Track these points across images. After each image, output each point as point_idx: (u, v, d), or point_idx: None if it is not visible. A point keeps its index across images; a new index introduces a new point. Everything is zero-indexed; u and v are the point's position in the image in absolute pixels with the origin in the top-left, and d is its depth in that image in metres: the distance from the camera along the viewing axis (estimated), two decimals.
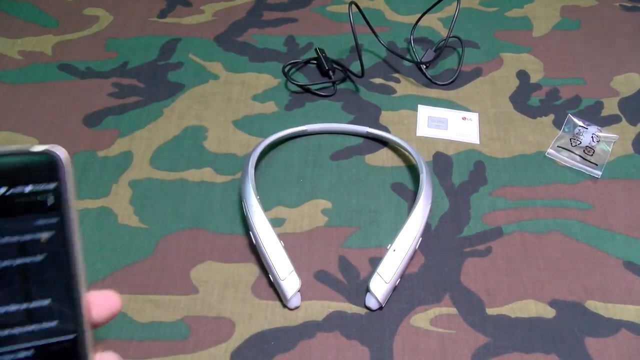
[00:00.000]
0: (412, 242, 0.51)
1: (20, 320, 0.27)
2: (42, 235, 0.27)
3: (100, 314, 0.29)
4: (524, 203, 0.58)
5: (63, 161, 0.27)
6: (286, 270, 0.49)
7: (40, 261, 0.27)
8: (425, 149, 0.62)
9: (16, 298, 0.27)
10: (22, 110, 0.65)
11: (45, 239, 0.27)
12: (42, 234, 0.27)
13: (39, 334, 0.27)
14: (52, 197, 0.27)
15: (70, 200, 0.28)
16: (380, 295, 0.49)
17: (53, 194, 0.27)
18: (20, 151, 0.27)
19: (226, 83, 0.69)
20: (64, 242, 0.27)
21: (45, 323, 0.27)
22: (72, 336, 0.28)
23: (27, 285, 0.27)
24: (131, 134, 0.63)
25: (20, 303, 0.27)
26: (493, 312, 0.50)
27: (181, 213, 0.56)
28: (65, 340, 0.27)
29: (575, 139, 0.63)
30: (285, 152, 0.62)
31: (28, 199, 0.27)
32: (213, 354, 0.47)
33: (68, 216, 0.28)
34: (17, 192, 0.27)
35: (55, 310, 0.27)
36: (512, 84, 0.70)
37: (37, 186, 0.27)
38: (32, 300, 0.27)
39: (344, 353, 0.47)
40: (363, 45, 0.74)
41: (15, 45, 0.73)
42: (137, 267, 0.52)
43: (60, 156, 0.27)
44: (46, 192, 0.27)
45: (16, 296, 0.27)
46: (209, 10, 0.79)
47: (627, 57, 0.74)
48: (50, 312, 0.27)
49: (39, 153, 0.27)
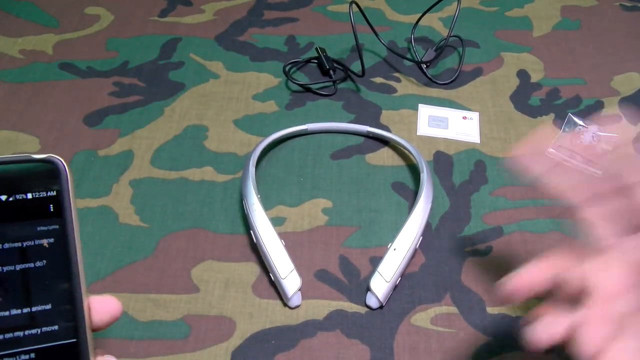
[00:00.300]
0: (412, 241, 0.51)
1: (21, 325, 0.27)
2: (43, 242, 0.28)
3: (101, 319, 0.29)
4: (524, 203, 0.58)
5: (63, 169, 0.28)
6: (287, 269, 0.49)
7: (41, 267, 0.28)
8: (425, 148, 0.62)
9: (17, 303, 0.27)
10: (23, 110, 0.65)
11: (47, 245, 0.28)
12: (43, 240, 0.28)
13: (40, 338, 0.27)
14: (52, 204, 0.28)
15: (70, 206, 0.28)
16: (380, 294, 0.49)
17: (54, 201, 0.28)
18: (21, 159, 0.27)
19: (227, 82, 0.69)
20: (64, 248, 0.28)
21: (46, 327, 0.27)
22: (73, 340, 0.28)
23: (28, 290, 0.27)
24: (132, 133, 0.63)
25: (21, 308, 0.27)
26: (493, 311, 0.50)
27: (182, 212, 0.56)
28: (66, 345, 0.28)
29: (575, 139, 0.63)
30: (285, 151, 0.62)
31: (29, 205, 0.27)
32: (214, 352, 0.47)
33: (68, 223, 0.28)
34: (18, 199, 0.27)
35: (56, 315, 0.28)
36: (512, 83, 0.70)
37: (38, 193, 0.28)
38: (33, 305, 0.27)
39: (344, 352, 0.47)
40: (364, 44, 0.74)
41: (16, 44, 0.73)
42: (138, 266, 0.52)
43: (60, 164, 0.28)
44: (47, 199, 0.28)
45: (17, 301, 0.27)
46: (210, 10, 0.79)
47: (627, 57, 0.74)
48: (51, 317, 0.27)
49: (40, 161, 0.28)
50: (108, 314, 0.29)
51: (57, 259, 0.28)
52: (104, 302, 0.29)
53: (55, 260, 0.28)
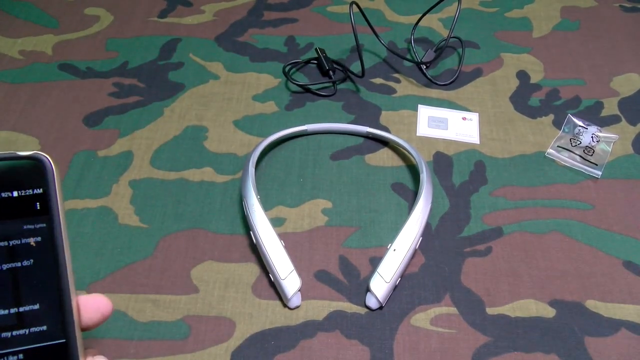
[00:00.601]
0: (412, 241, 0.51)
1: (9, 325, 0.27)
2: (30, 240, 0.27)
3: (91, 317, 0.29)
4: (524, 203, 0.58)
5: (49, 166, 0.27)
6: (286, 269, 0.49)
7: (28, 266, 0.27)
8: (425, 149, 0.62)
9: (5, 302, 0.27)
10: (22, 110, 0.65)
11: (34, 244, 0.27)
12: (30, 239, 0.27)
13: (28, 338, 0.27)
14: (39, 202, 0.27)
15: (57, 204, 0.27)
16: (380, 295, 0.49)
17: (40, 198, 0.27)
18: (6, 156, 0.27)
19: (227, 83, 0.69)
20: (52, 247, 0.27)
21: (34, 327, 0.27)
22: (62, 340, 0.27)
23: (15, 289, 0.27)
24: (131, 134, 0.63)
25: (9, 307, 0.27)
26: (493, 311, 0.50)
27: (181, 213, 0.56)
28: (54, 345, 0.27)
29: (575, 139, 0.63)
30: (285, 152, 0.62)
31: (15, 203, 0.27)
32: (213, 353, 0.47)
33: (56, 221, 0.27)
34: (4, 197, 0.27)
35: (44, 315, 0.27)
36: (512, 84, 0.70)
37: (24, 191, 0.27)
38: (21, 305, 0.27)
39: (344, 352, 0.47)
40: (363, 45, 0.74)
41: (16, 45, 0.73)
42: (138, 267, 0.52)
43: (46, 161, 0.27)
44: (33, 197, 0.27)
45: (5, 301, 0.27)
46: (210, 10, 0.79)
47: (627, 57, 0.74)
48: (39, 317, 0.27)
49: (26, 158, 0.27)
50: (98, 313, 0.29)
51: (44, 258, 0.27)
52: (94, 301, 0.29)
53: (42, 259, 0.27)
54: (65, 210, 0.55)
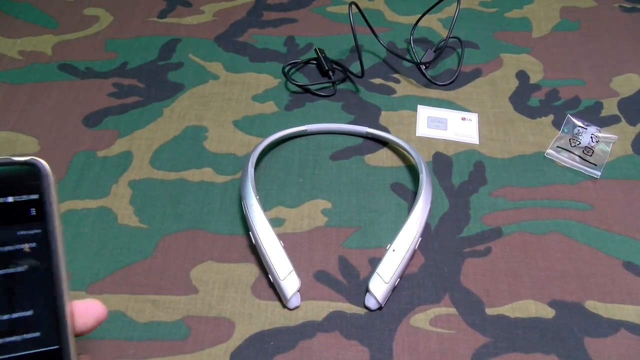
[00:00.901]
0: (411, 242, 0.51)
1: (3, 331, 0.26)
2: (24, 246, 0.27)
3: (85, 323, 0.29)
4: (524, 203, 0.58)
5: (45, 171, 0.27)
6: (286, 270, 0.49)
7: (23, 272, 0.27)
8: (425, 149, 0.62)
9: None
10: (22, 111, 0.65)
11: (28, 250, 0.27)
12: (25, 245, 0.27)
13: (22, 345, 0.26)
14: (34, 207, 0.27)
15: (53, 210, 0.27)
16: (379, 296, 0.49)
17: (36, 204, 0.27)
18: (1, 162, 0.26)
19: (226, 83, 0.69)
20: (47, 253, 0.27)
21: (28, 334, 0.27)
22: (56, 347, 0.27)
23: (10, 295, 0.26)
24: (131, 134, 0.63)
25: (2, 314, 0.26)
26: (493, 312, 0.50)
27: (181, 213, 0.56)
28: (48, 351, 0.27)
29: (574, 140, 0.63)
30: (285, 152, 0.62)
31: (10, 209, 0.26)
32: (213, 354, 0.47)
33: (51, 227, 0.27)
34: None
35: (38, 321, 0.27)
36: (511, 84, 0.70)
37: (20, 197, 0.27)
38: (15, 311, 0.26)
39: (343, 353, 0.47)
40: (363, 45, 0.74)
41: (15, 45, 0.73)
42: (137, 267, 0.52)
43: (42, 166, 0.27)
44: (28, 202, 0.27)
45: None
46: (209, 11, 0.79)
47: (627, 57, 0.74)
48: (33, 323, 0.27)
49: (21, 163, 0.26)
50: (93, 318, 0.29)
51: (39, 264, 0.27)
52: (88, 306, 0.29)
53: (37, 266, 0.27)
54: (65, 211, 0.56)
